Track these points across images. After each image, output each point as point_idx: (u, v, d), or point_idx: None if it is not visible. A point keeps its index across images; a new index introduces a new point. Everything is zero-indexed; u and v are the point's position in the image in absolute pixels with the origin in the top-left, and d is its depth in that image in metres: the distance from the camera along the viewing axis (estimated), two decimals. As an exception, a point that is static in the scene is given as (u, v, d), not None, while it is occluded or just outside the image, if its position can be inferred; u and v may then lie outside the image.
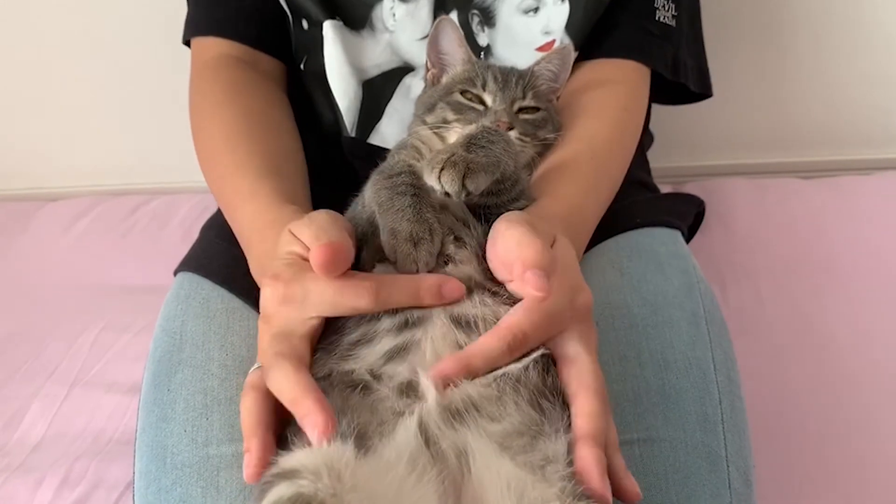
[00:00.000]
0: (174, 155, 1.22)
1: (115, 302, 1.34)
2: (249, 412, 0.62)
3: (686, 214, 1.01)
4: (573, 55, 0.90)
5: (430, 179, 0.66)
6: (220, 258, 0.89)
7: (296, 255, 0.64)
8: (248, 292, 0.82)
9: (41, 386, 1.14)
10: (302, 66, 1.01)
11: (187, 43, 1.03)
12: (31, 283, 1.39)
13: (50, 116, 1.70)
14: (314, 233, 0.64)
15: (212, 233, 0.97)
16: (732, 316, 0.95)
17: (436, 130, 0.83)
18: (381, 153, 0.86)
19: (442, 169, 0.65)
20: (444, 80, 0.89)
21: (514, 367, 0.61)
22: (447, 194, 0.66)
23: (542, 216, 0.71)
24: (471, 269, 0.69)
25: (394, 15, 0.98)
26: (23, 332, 1.27)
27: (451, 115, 0.83)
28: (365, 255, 0.69)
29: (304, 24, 0.99)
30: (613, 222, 0.87)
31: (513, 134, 0.80)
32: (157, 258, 1.31)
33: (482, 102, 0.84)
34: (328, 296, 0.61)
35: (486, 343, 0.60)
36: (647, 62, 0.97)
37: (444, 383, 0.58)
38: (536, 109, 0.85)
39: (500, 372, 0.61)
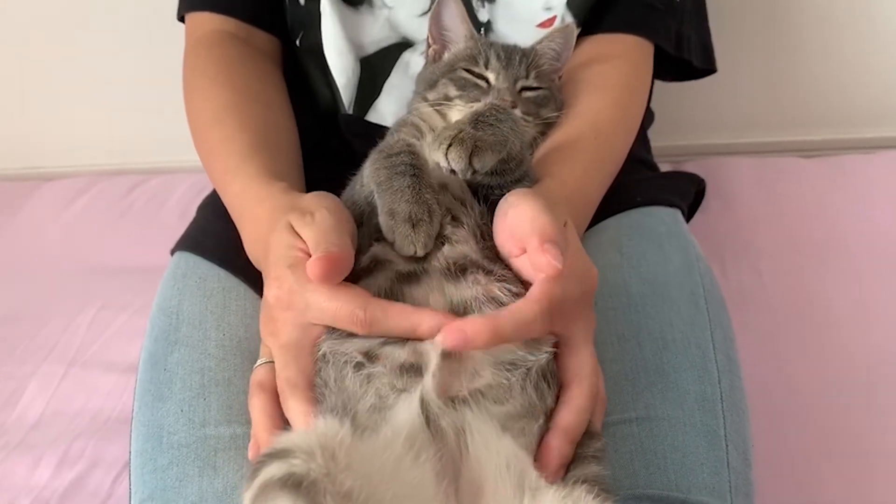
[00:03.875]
0: (172, 133, 1.21)
1: (114, 281, 1.34)
2: (263, 413, 0.64)
3: (686, 193, 1.01)
4: (576, 33, 0.89)
5: (437, 156, 0.66)
6: (216, 236, 0.89)
7: (297, 253, 0.64)
8: (245, 270, 0.81)
9: (39, 365, 1.14)
10: (298, 43, 1.00)
11: (182, 19, 1.02)
12: (29, 262, 1.39)
13: (46, 95, 1.69)
14: (315, 237, 0.63)
15: (208, 211, 0.96)
16: (732, 295, 0.94)
17: (437, 107, 0.82)
18: (379, 131, 0.85)
19: (450, 145, 0.65)
20: (446, 56, 0.88)
21: (530, 359, 0.61)
22: (453, 171, 0.66)
23: (546, 196, 0.69)
24: (468, 248, 0.68)
25: None
26: (20, 312, 1.27)
27: (453, 91, 0.82)
28: (362, 234, 0.68)
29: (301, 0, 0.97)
30: (613, 201, 0.86)
31: (516, 113, 0.79)
32: (155, 238, 1.29)
33: (485, 80, 0.83)
34: (326, 315, 0.62)
35: (518, 307, 0.59)
36: (650, 37, 0.96)
37: (464, 341, 0.56)
38: (539, 88, 0.84)
39: (511, 359, 0.61)
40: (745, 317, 1.06)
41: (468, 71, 0.83)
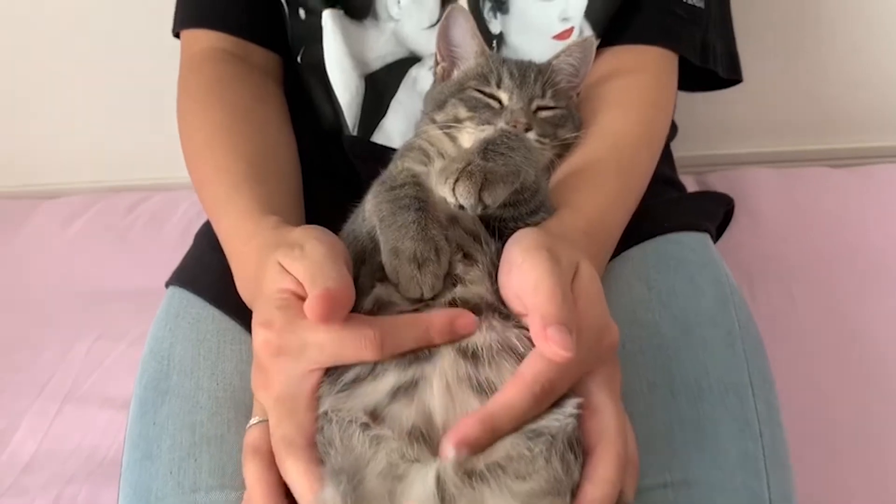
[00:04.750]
0: (173, 149, 1.16)
1: (112, 307, 1.28)
2: (259, 482, 0.57)
3: (714, 214, 0.94)
4: (595, 46, 0.83)
5: (444, 191, 0.61)
6: (212, 271, 0.83)
7: (288, 294, 0.58)
8: (241, 311, 0.75)
9: (33, 401, 1.10)
10: (299, 59, 0.95)
11: (178, 35, 0.97)
12: (25, 287, 1.34)
13: (45, 111, 1.63)
14: (308, 271, 0.57)
15: (205, 241, 0.90)
16: (762, 317, 0.86)
17: (446, 130, 0.77)
18: (385, 153, 0.81)
19: (457, 180, 0.60)
20: (456, 75, 0.83)
21: (554, 425, 0.55)
22: (461, 207, 0.61)
23: (563, 233, 0.66)
24: (482, 289, 0.62)
25: (398, 2, 0.91)
26: (15, 341, 1.22)
27: (463, 112, 0.77)
28: (364, 273, 0.63)
29: (302, 13, 0.93)
30: (638, 227, 0.80)
31: (531, 135, 0.75)
32: (155, 259, 1.24)
33: (497, 101, 0.78)
34: (328, 349, 0.56)
35: (510, 396, 0.54)
36: (674, 48, 0.90)
37: (468, 449, 0.52)
38: (555, 108, 0.79)
39: (533, 427, 0.55)
40: (776, 341, 0.98)
41: (479, 91, 0.78)
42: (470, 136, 0.75)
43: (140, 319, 1.11)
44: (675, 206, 0.92)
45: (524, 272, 0.57)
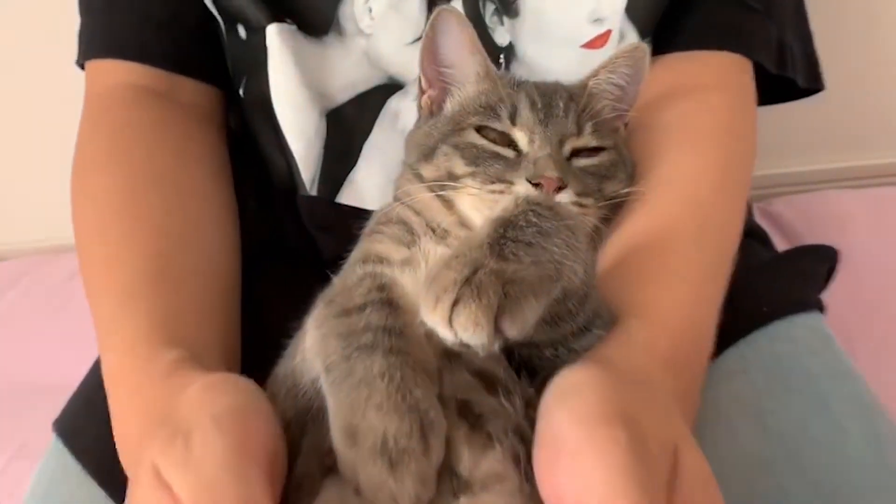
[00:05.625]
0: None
1: (42, 408, 1.02)
2: None
3: (819, 278, 0.75)
4: (649, 56, 0.65)
5: (434, 320, 0.42)
6: (99, 423, 0.59)
7: None
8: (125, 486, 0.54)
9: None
10: (241, 92, 0.77)
11: (83, 66, 0.79)
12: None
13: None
14: (193, 492, 0.40)
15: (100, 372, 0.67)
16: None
17: (439, 192, 0.60)
18: (356, 219, 0.65)
19: (456, 302, 0.41)
20: (449, 106, 0.66)
21: None
22: (465, 346, 0.41)
23: (638, 370, 0.47)
24: (505, 492, 0.40)
25: (370, 11, 0.74)
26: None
27: (461, 166, 0.60)
28: (308, 448, 0.45)
29: (242, 31, 0.75)
30: (729, 318, 0.59)
31: (566, 196, 0.57)
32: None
33: (512, 144, 0.61)
34: None
35: None
36: (749, 52, 0.73)
37: None
38: (599, 150, 0.62)
39: None
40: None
41: (485, 131, 0.61)
42: (474, 202, 0.58)
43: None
44: (769, 273, 0.73)
45: (584, 468, 0.38)
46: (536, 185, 0.56)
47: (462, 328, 0.40)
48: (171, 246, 0.63)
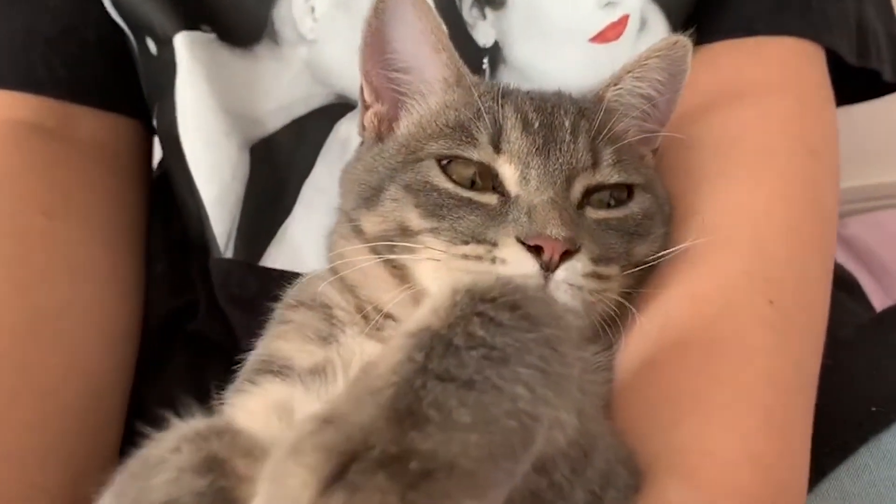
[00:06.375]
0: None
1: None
2: None
3: None
4: (689, 54, 0.50)
5: None
6: None
7: None
8: None
9: None
10: (154, 122, 0.65)
11: None
12: None
13: None
14: None
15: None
16: None
17: (387, 255, 0.46)
18: (284, 289, 0.51)
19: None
20: (403, 126, 0.51)
21: None
22: None
23: None
24: None
25: (312, 10, 0.60)
26: None
27: (417, 219, 0.45)
28: None
29: (152, 44, 0.62)
30: (822, 429, 0.44)
31: (578, 267, 0.42)
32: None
33: (496, 184, 0.46)
34: None
35: None
36: (821, 36, 0.59)
37: None
38: (625, 189, 0.48)
39: None
40: None
41: (452, 164, 0.46)
42: (437, 273, 0.44)
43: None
44: (871, 348, 0.55)
45: None
46: (533, 250, 0.41)
47: None
48: (13, 343, 0.50)
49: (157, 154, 0.69)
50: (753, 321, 0.44)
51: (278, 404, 0.36)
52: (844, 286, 0.67)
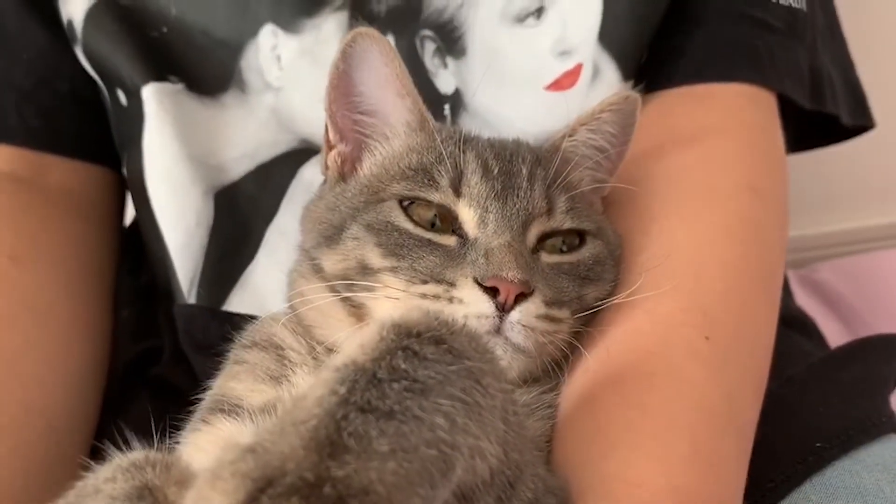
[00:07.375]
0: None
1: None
2: None
3: (888, 381, 0.58)
4: (639, 108, 0.53)
5: None
6: None
7: None
8: None
9: None
10: (124, 170, 0.66)
11: None
12: None
13: None
14: None
15: None
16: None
17: (347, 293, 0.47)
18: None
19: None
20: (367, 167, 0.52)
21: None
22: None
23: None
24: None
25: (279, 59, 0.62)
26: None
27: (377, 258, 0.47)
28: None
29: (122, 95, 0.63)
30: (770, 462, 0.47)
31: (531, 309, 0.44)
32: None
33: (455, 226, 0.48)
34: None
35: None
36: (770, 80, 0.61)
37: None
38: (576, 237, 0.50)
39: None
40: None
41: (413, 206, 0.48)
42: (395, 313, 0.40)
43: None
44: (822, 388, 0.56)
45: None
46: (490, 291, 0.42)
47: None
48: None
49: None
50: (687, 355, 0.45)
51: (227, 441, 0.37)
52: (803, 328, 0.69)
